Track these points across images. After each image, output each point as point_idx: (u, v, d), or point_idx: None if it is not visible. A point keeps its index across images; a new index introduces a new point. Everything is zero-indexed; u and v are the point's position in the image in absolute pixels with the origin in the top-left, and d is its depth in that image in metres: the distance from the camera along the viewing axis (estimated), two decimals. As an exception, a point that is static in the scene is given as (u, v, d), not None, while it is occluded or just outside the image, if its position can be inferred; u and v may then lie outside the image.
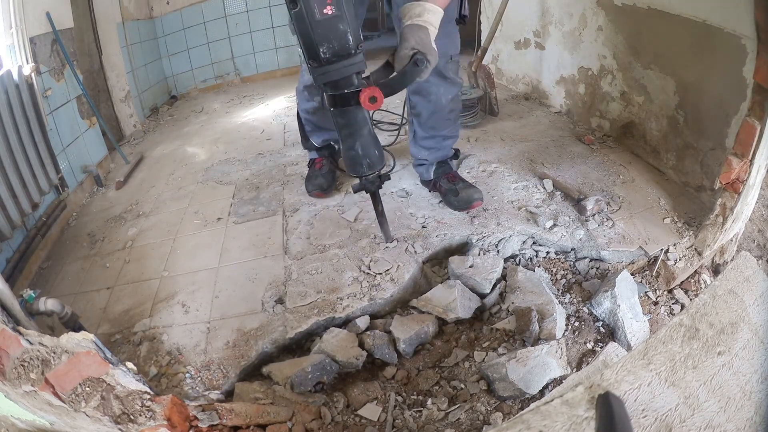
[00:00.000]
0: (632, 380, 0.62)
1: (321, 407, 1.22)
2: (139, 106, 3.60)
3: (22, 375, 0.84)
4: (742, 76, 1.51)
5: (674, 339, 0.69)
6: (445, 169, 1.81)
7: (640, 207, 1.80)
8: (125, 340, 1.49)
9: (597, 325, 1.43)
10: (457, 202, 1.73)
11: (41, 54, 2.27)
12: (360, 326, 1.42)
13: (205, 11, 4.15)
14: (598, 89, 2.35)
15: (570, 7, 2.41)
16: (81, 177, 2.51)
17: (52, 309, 1.27)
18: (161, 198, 2.36)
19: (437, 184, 1.81)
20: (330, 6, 1.05)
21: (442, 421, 1.20)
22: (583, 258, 1.65)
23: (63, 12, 2.53)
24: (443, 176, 1.80)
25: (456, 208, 1.75)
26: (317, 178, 2.00)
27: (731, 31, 1.52)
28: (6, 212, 1.71)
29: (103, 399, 0.91)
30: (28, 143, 1.91)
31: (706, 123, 1.73)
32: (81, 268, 1.91)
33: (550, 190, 1.90)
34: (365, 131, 1.29)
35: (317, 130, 1.98)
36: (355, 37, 1.12)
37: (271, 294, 1.56)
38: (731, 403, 0.65)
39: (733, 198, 1.46)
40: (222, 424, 1.04)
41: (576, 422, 0.56)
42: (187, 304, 1.58)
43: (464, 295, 1.47)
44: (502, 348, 1.36)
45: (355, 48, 1.13)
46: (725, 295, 0.78)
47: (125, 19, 3.44)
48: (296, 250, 1.74)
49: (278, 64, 4.58)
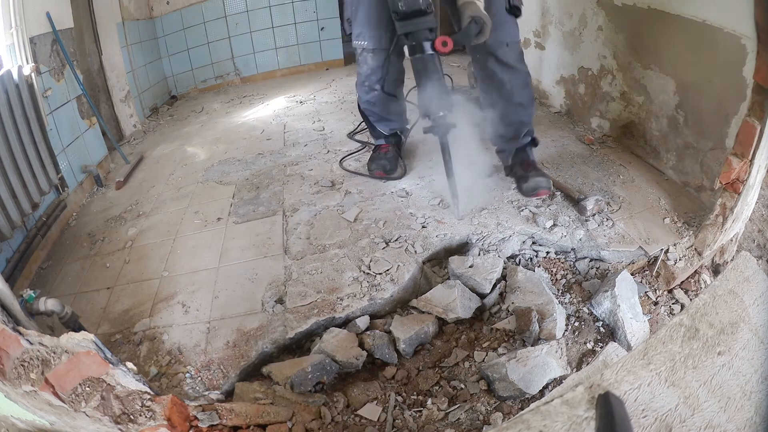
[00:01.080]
0: (632, 380, 0.62)
1: (321, 407, 1.22)
2: (139, 106, 3.60)
3: (22, 375, 0.84)
4: (742, 76, 1.51)
5: (674, 339, 0.69)
6: (522, 156, 1.87)
7: (640, 207, 1.80)
8: (125, 340, 1.49)
9: (597, 325, 1.43)
10: (524, 189, 1.80)
11: (41, 54, 2.27)
12: (360, 326, 1.42)
13: (205, 11, 4.15)
14: (598, 89, 2.35)
15: (570, 7, 2.41)
16: (81, 177, 2.51)
17: (52, 309, 1.27)
18: (161, 198, 2.36)
19: (513, 170, 1.89)
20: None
21: (442, 421, 1.20)
22: (583, 258, 1.65)
23: (63, 12, 2.53)
24: (519, 164, 1.86)
25: (523, 194, 1.82)
26: (381, 160, 2.10)
27: (731, 31, 1.52)
28: (6, 212, 1.71)
29: (103, 399, 0.91)
30: (28, 143, 1.91)
31: (706, 123, 1.73)
32: (81, 268, 1.91)
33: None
34: (435, 78, 1.54)
35: (381, 120, 2.10)
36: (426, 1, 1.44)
37: (271, 294, 1.56)
38: (731, 403, 0.65)
39: (733, 198, 1.46)
40: (222, 424, 1.04)
41: (576, 422, 0.56)
42: (187, 304, 1.58)
43: (464, 295, 1.47)
44: (502, 348, 1.36)
45: (425, 7, 1.44)
46: (725, 295, 0.78)
47: (125, 19, 3.44)
48: (296, 250, 1.74)
49: (278, 64, 4.58)
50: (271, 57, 4.52)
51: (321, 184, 2.16)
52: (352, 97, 3.55)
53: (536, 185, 1.78)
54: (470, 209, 1.80)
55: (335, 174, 2.26)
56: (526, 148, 1.88)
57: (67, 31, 2.55)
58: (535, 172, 1.81)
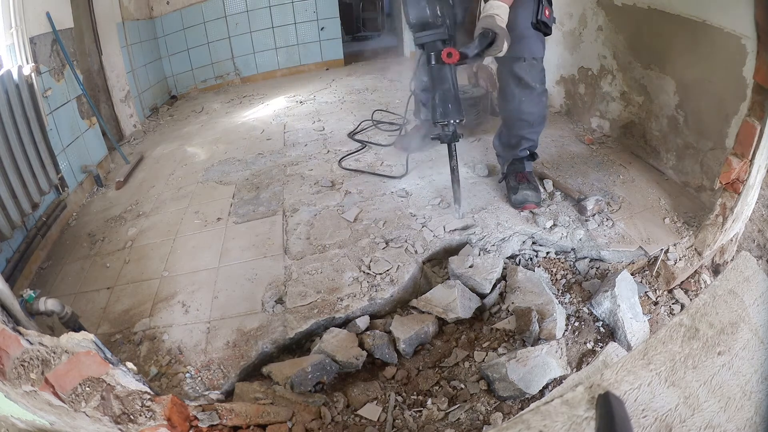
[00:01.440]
0: (632, 380, 0.62)
1: (321, 407, 1.22)
2: (139, 106, 3.60)
3: (22, 375, 0.84)
4: (742, 76, 1.50)
5: (674, 339, 0.69)
6: (517, 167, 1.86)
7: (640, 207, 1.80)
8: (125, 340, 1.49)
9: (597, 325, 1.43)
10: (513, 201, 1.80)
11: (41, 54, 2.27)
12: (360, 326, 1.42)
13: (205, 11, 4.15)
14: (598, 89, 2.35)
15: (570, 7, 2.41)
16: (81, 177, 2.51)
17: (52, 309, 1.27)
18: (161, 198, 2.36)
19: (507, 179, 1.89)
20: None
21: (442, 421, 1.20)
22: (583, 258, 1.65)
23: (63, 12, 2.54)
24: (513, 174, 1.86)
25: (511, 205, 1.82)
26: (407, 139, 2.36)
27: (731, 31, 1.52)
28: (6, 212, 1.71)
29: (103, 399, 0.91)
30: (28, 143, 1.91)
31: (706, 123, 1.73)
32: (81, 268, 1.91)
33: (550, 190, 1.90)
34: (445, 86, 1.60)
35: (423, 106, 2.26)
36: (432, 13, 1.53)
37: (271, 294, 1.56)
38: (731, 403, 0.65)
39: (733, 198, 1.46)
40: (222, 424, 1.04)
41: (576, 422, 0.55)
42: (187, 304, 1.58)
43: (464, 295, 1.46)
44: (502, 348, 1.36)
45: (433, 20, 1.53)
46: (725, 295, 0.78)
47: (125, 19, 3.44)
48: (296, 250, 1.74)
49: (278, 64, 4.58)
50: (271, 57, 4.53)
51: (321, 184, 2.17)
52: (352, 97, 3.55)
53: (524, 199, 1.77)
54: (470, 209, 1.80)
55: (335, 174, 2.26)
56: (524, 159, 1.86)
57: (67, 31, 2.55)
58: (526, 185, 1.79)
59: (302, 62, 4.65)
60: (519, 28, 1.53)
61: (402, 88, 3.61)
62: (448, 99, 1.60)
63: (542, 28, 1.62)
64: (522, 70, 1.67)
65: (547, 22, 1.60)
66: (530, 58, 1.66)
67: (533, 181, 1.81)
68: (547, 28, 1.62)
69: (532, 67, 1.68)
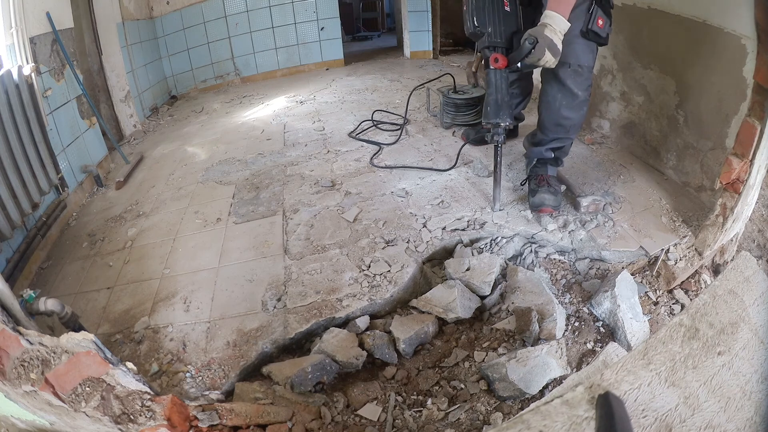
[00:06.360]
0: (632, 380, 0.62)
1: (321, 407, 1.22)
2: (139, 106, 3.60)
3: (22, 375, 0.84)
4: (742, 76, 1.50)
5: (674, 339, 0.69)
6: (539, 170, 1.87)
7: (640, 207, 1.79)
8: (126, 340, 1.49)
9: (597, 325, 1.43)
10: (531, 203, 1.81)
11: (41, 54, 2.27)
12: (360, 326, 1.42)
13: (205, 11, 4.16)
14: (598, 89, 2.35)
15: (570, 7, 2.41)
16: (81, 177, 2.51)
17: (52, 309, 1.27)
18: (161, 198, 2.36)
19: (529, 180, 1.90)
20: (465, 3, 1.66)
21: (442, 421, 1.19)
22: (583, 258, 1.65)
23: (63, 12, 2.54)
24: (535, 176, 1.87)
25: (530, 207, 1.82)
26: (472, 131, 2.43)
27: (731, 31, 1.52)
28: (6, 212, 1.71)
29: (103, 399, 0.91)
30: (28, 143, 1.91)
31: (706, 123, 1.73)
32: (81, 268, 1.91)
33: (550, 190, 1.89)
34: (492, 90, 1.66)
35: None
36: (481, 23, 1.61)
37: (271, 294, 1.56)
38: (731, 403, 0.65)
39: (733, 198, 1.46)
40: (222, 424, 1.04)
41: (576, 422, 0.55)
42: (187, 304, 1.58)
43: (464, 295, 1.46)
44: (502, 348, 1.36)
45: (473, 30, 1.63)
46: (725, 295, 0.78)
47: (125, 19, 3.45)
48: (296, 251, 1.74)
49: (278, 64, 4.59)
50: (271, 57, 4.53)
51: (321, 184, 2.17)
52: (352, 97, 3.55)
53: (541, 202, 1.77)
54: (470, 209, 1.80)
55: (335, 174, 2.26)
56: (547, 163, 1.87)
57: (67, 31, 2.55)
58: (545, 188, 1.79)
59: (302, 62, 4.66)
60: (568, 35, 1.52)
61: (402, 88, 3.62)
62: (497, 102, 1.65)
63: (592, 37, 1.60)
64: (566, 75, 1.66)
65: (598, 32, 1.58)
66: (575, 64, 1.64)
67: (554, 185, 1.81)
68: (599, 37, 1.60)
69: (576, 73, 1.66)
